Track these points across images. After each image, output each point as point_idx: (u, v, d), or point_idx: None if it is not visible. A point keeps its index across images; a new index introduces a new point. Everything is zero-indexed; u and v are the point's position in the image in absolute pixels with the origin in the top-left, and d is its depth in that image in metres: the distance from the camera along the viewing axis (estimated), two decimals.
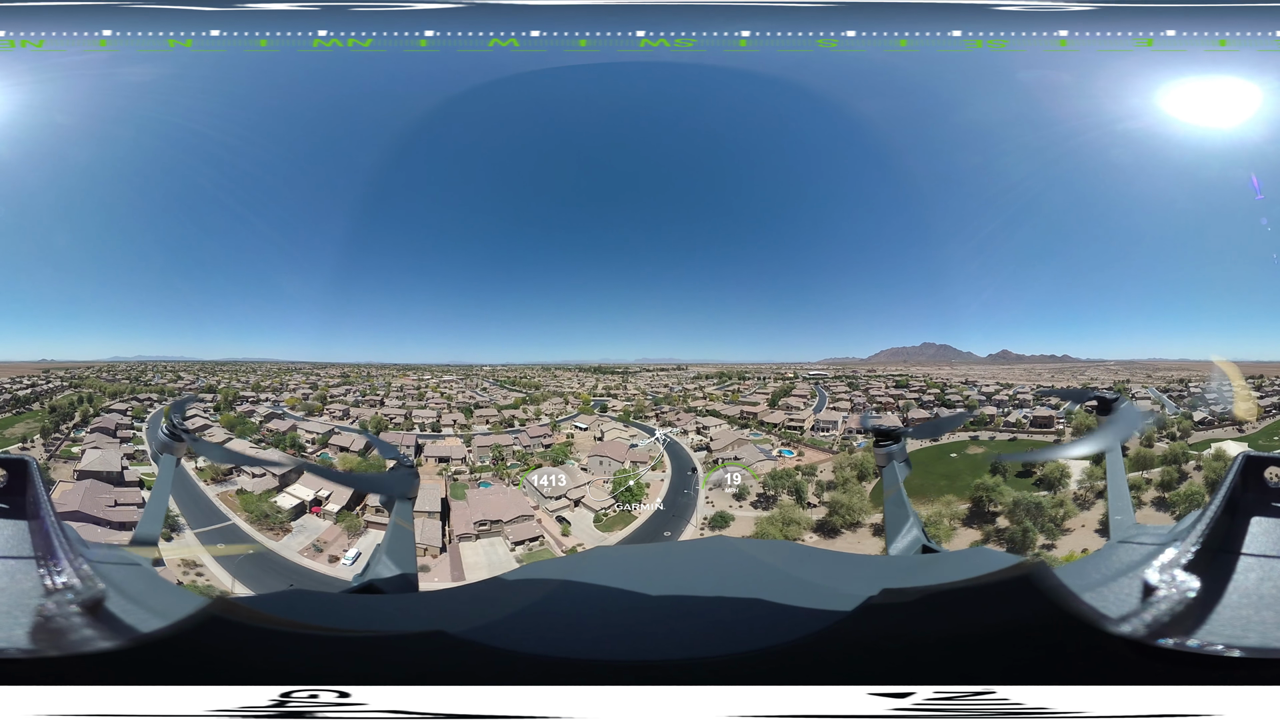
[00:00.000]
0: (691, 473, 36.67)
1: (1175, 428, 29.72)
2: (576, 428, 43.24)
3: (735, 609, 2.10)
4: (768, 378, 48.52)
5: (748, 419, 43.18)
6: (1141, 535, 2.39)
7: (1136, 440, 27.38)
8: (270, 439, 37.51)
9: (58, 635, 1.61)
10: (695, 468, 37.19)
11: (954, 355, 49.11)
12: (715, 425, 41.88)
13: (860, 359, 49.73)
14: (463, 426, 42.44)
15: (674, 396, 47.26)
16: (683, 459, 38.08)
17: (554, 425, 43.14)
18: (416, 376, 49.23)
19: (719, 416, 43.65)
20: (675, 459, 37.95)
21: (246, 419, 39.30)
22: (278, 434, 38.13)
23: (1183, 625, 1.64)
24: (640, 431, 41.69)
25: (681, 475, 36.33)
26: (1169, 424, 30.05)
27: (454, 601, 2.52)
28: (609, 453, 37.87)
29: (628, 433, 41.79)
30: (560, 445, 39.33)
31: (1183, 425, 30.26)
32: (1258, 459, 2.27)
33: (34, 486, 2.26)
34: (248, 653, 1.69)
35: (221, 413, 39.47)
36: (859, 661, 1.68)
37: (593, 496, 34.03)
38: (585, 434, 42.48)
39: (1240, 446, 27.34)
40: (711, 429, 41.22)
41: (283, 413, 41.37)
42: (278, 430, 38.67)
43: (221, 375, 46.56)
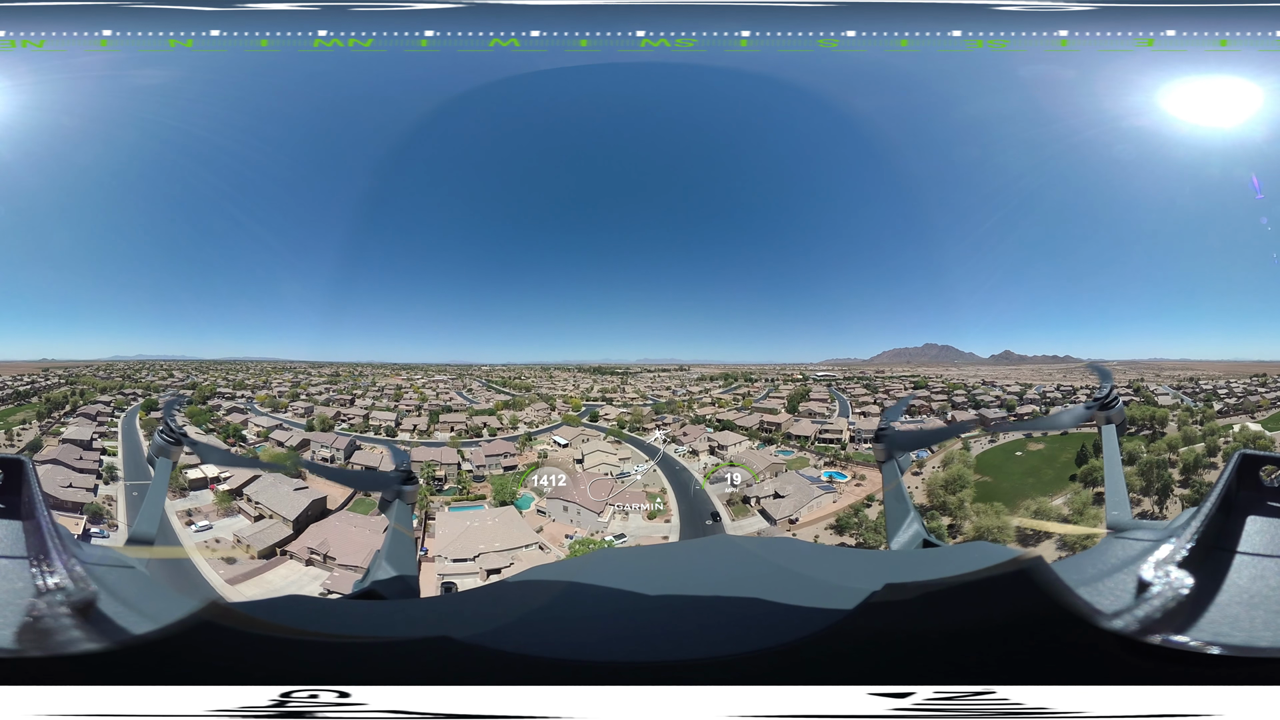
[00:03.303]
0: (713, 521, 26.88)
1: (1201, 416, 35.29)
2: (555, 443, 34.77)
3: (738, 608, 2.11)
4: (775, 379, 45.65)
5: (770, 430, 35.32)
6: (1137, 530, 2.40)
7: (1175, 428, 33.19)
8: (221, 430, 38.18)
9: (45, 636, 1.61)
10: (717, 513, 27.36)
11: (956, 356, 49.07)
12: (734, 442, 33.28)
13: (863, 360, 49.62)
14: (421, 432, 38.03)
15: (678, 402, 40.55)
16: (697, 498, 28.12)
17: (524, 441, 34.70)
18: (407, 376, 47.90)
19: (736, 430, 35.27)
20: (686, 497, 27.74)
21: (212, 412, 40.28)
22: (233, 425, 38.65)
23: (1175, 622, 1.65)
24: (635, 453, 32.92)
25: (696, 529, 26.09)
26: (1196, 414, 35.34)
27: (458, 606, 2.52)
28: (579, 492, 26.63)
29: (617, 454, 32.04)
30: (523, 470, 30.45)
31: (1207, 414, 35.46)
32: (1254, 458, 2.28)
33: (29, 486, 2.24)
34: (243, 658, 1.68)
35: (191, 405, 40.87)
36: (861, 659, 1.69)
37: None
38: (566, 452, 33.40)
39: (1256, 426, 33.51)
40: (730, 448, 32.64)
41: (252, 409, 41.31)
42: (233, 423, 39.07)
43: (215, 374, 46.97)
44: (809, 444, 33.60)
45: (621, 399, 42.48)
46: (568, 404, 41.52)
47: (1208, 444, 31.77)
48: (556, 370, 50.39)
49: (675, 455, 31.12)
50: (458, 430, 37.54)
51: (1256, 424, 34.12)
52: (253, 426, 38.46)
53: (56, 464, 27.65)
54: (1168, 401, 37.67)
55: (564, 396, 42.86)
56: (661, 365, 50.33)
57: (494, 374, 50.09)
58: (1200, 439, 32.14)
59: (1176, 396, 38.19)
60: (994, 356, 48.50)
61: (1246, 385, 39.10)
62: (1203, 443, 31.85)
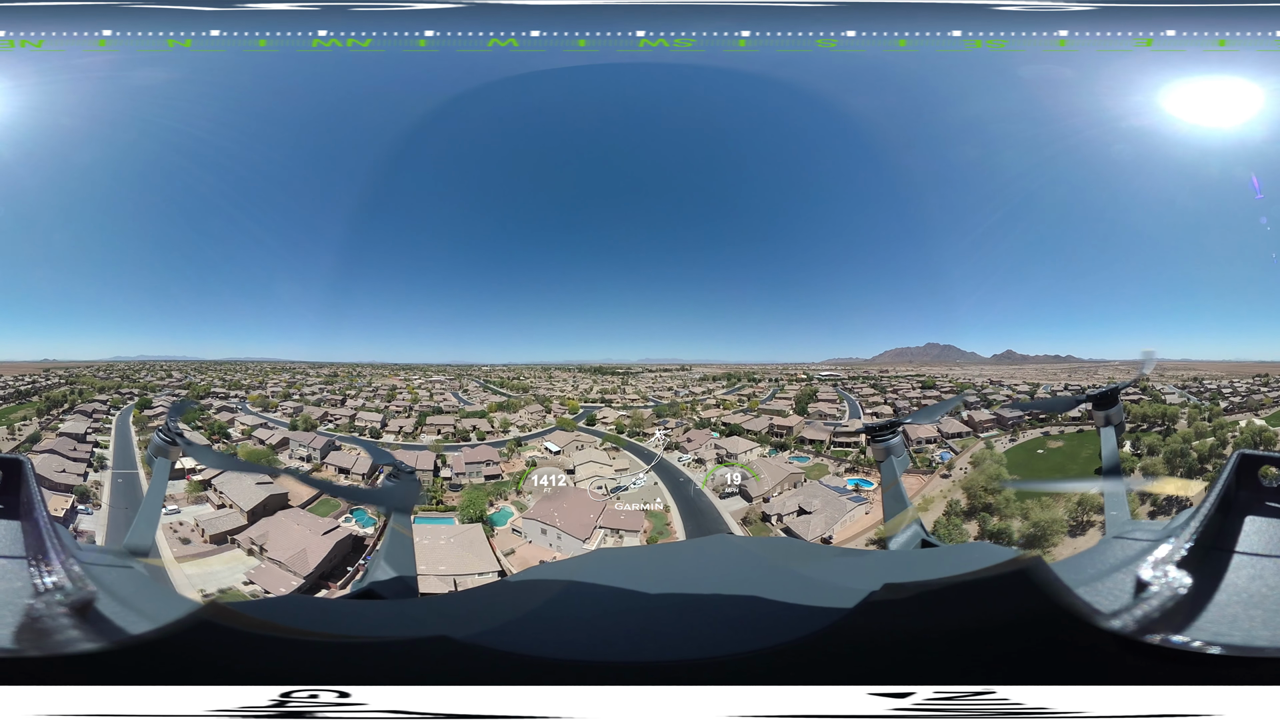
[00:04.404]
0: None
1: (1209, 413, 36.97)
2: (546, 449, 32.11)
3: (737, 607, 2.10)
4: (779, 379, 44.64)
5: (781, 435, 32.72)
6: (1136, 531, 2.40)
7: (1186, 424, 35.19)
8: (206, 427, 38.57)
9: (43, 636, 1.60)
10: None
11: (958, 356, 49.03)
12: (744, 450, 30.18)
13: (864, 359, 49.50)
14: (407, 435, 36.83)
15: (680, 405, 38.53)
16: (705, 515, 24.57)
17: (512, 447, 32.08)
18: (405, 377, 47.32)
19: (745, 436, 32.41)
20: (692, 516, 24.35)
21: (203, 411, 40.42)
22: (218, 423, 38.91)
23: (1174, 622, 1.65)
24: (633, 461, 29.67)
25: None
26: (1204, 411, 37.06)
27: (457, 606, 2.52)
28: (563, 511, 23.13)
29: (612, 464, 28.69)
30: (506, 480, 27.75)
31: (1214, 411, 37.10)
32: (1253, 458, 2.28)
33: (28, 486, 2.23)
34: (243, 658, 1.68)
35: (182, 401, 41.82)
36: (861, 659, 1.69)
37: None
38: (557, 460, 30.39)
39: (1261, 422, 34.97)
40: (741, 456, 29.76)
41: (242, 408, 41.19)
42: (219, 420, 39.27)
43: (213, 374, 47.13)
44: (825, 449, 31.15)
45: (622, 400, 41.13)
46: (564, 406, 39.83)
47: (1218, 437, 33.74)
48: (557, 370, 50.25)
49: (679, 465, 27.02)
50: (444, 433, 36.14)
51: (1261, 419, 35.64)
52: (239, 425, 38.56)
53: (52, 453, 30.85)
54: (1175, 400, 38.91)
55: (561, 398, 41.36)
56: (663, 365, 50.10)
57: (493, 374, 49.82)
58: (1210, 434, 33.95)
59: (1183, 395, 39.40)
60: (996, 356, 48.47)
61: (1250, 385, 39.87)
62: (1213, 437, 33.81)
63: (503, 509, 25.62)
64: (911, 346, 50.31)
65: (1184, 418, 35.96)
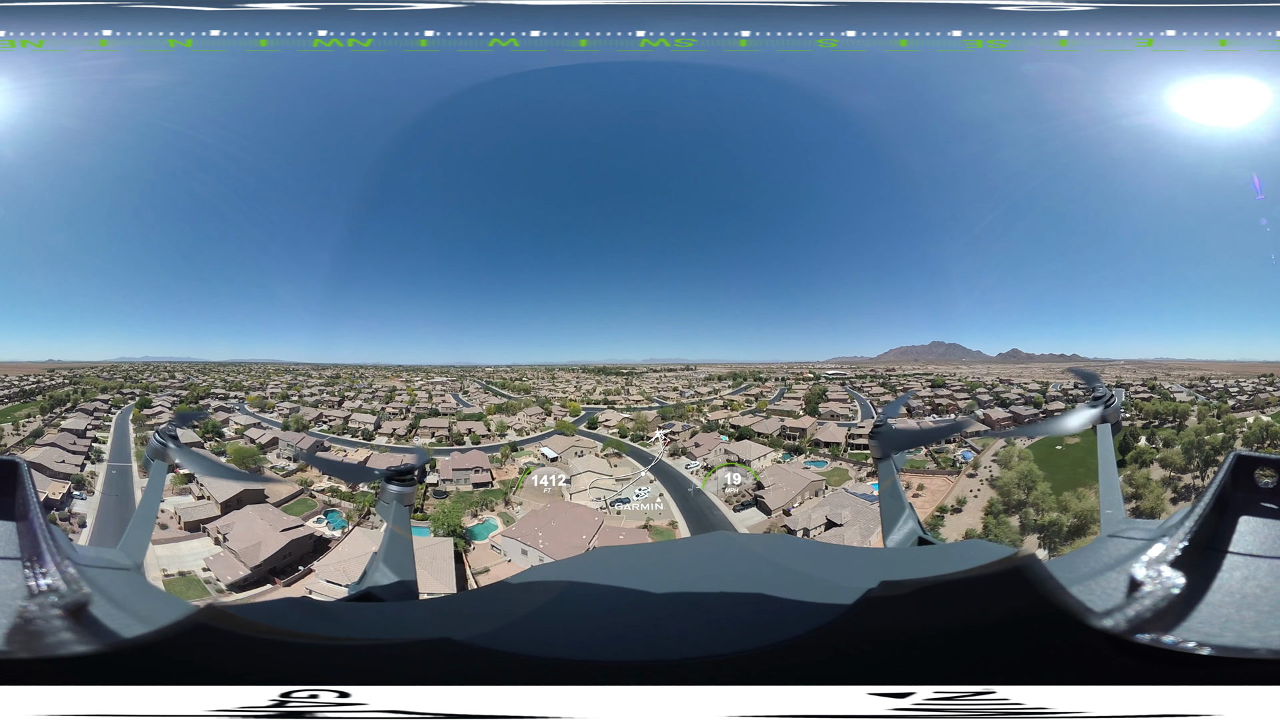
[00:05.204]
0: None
1: (1218, 410, 37.98)
2: (543, 455, 29.78)
3: (738, 605, 2.10)
4: (786, 378, 43.62)
5: (794, 437, 30.55)
6: (1131, 530, 2.39)
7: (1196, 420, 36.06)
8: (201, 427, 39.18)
9: (38, 637, 1.58)
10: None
11: (963, 354, 48.99)
12: (757, 454, 27.71)
13: (870, 358, 49.46)
14: (400, 437, 35.55)
15: (686, 407, 36.21)
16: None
17: (506, 452, 29.79)
18: (407, 378, 47.11)
19: (756, 439, 29.77)
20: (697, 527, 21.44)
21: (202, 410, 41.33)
22: (212, 423, 39.52)
23: (1165, 621, 1.65)
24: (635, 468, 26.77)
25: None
26: (1213, 408, 38.06)
27: (458, 607, 2.51)
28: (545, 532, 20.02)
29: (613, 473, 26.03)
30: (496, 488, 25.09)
31: (1223, 408, 38.03)
32: (1249, 459, 2.27)
33: (23, 488, 2.21)
34: (240, 661, 1.67)
35: (183, 403, 42.55)
36: (860, 658, 1.68)
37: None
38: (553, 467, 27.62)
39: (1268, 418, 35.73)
40: (754, 462, 27.34)
41: (240, 409, 41.70)
42: (213, 420, 39.78)
43: (215, 375, 47.45)
44: (841, 451, 28.82)
45: (625, 402, 39.18)
46: (565, 408, 37.86)
47: (1229, 432, 34.93)
48: (560, 371, 49.97)
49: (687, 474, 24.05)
50: (439, 436, 34.72)
51: (1268, 416, 36.41)
52: (232, 424, 38.99)
53: (54, 446, 33.06)
54: (1184, 398, 39.90)
55: (563, 400, 39.50)
56: (668, 365, 49.80)
57: (496, 375, 49.50)
58: (1220, 429, 35.14)
59: (1191, 394, 40.38)
60: (1001, 355, 48.47)
61: (1255, 384, 40.66)
62: (1223, 431, 34.91)
63: (487, 520, 24.27)
64: (916, 345, 50.31)
65: (1194, 414, 37.00)
